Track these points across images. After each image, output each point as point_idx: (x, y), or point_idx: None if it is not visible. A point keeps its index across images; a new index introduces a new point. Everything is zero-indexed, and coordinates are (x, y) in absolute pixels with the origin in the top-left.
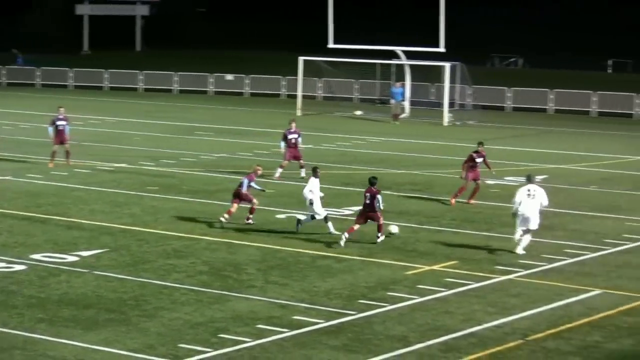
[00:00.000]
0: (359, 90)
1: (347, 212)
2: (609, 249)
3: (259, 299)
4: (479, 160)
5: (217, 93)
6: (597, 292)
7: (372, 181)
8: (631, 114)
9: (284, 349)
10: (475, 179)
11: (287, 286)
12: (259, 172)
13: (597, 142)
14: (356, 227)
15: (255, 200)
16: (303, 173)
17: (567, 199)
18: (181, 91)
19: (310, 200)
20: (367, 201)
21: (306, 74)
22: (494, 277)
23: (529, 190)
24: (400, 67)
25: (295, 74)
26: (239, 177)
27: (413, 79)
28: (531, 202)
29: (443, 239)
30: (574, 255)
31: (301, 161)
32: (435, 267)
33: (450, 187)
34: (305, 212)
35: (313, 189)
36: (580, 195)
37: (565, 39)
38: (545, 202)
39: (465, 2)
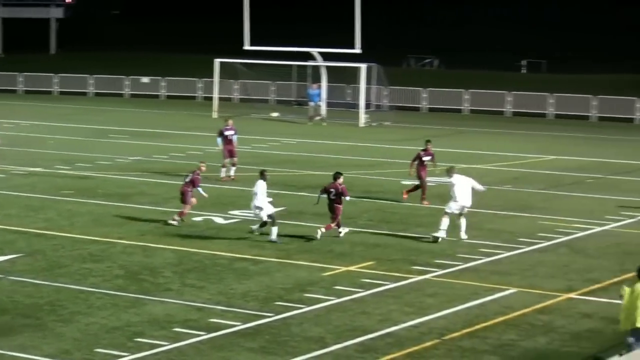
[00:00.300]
0: (275, 92)
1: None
2: (524, 247)
3: (176, 302)
4: (426, 158)
5: (132, 96)
6: (512, 290)
7: (336, 176)
8: (545, 113)
9: (201, 352)
10: (421, 178)
11: (204, 289)
12: (203, 169)
13: (511, 142)
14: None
15: (190, 206)
16: (232, 172)
17: (482, 198)
18: (97, 94)
19: (257, 206)
20: (332, 197)
21: (222, 76)
22: (411, 277)
23: (461, 180)
24: (316, 69)
25: (211, 76)
26: (154, 180)
27: (329, 80)
28: (466, 189)
29: (360, 240)
30: (489, 254)
31: (235, 159)
32: (351, 268)
33: (368, 187)
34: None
35: (259, 192)
36: (495, 195)
37: (480, 39)
38: (477, 184)
39: (381, 3)
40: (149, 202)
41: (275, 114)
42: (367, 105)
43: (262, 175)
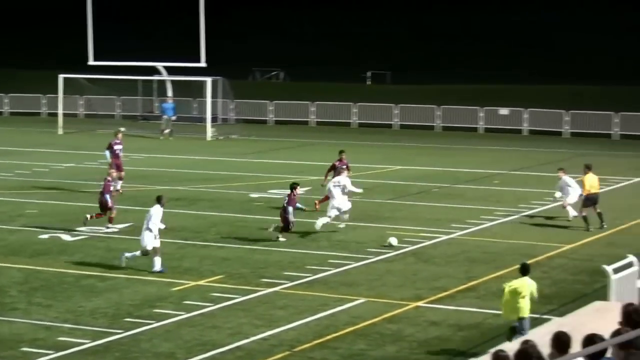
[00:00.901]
0: (120, 107)
1: (111, 229)
2: (372, 258)
3: (23, 322)
4: (342, 166)
5: None
6: (361, 300)
7: (292, 186)
8: (390, 124)
9: None
10: None
11: (52, 307)
12: (114, 175)
13: (358, 153)
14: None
15: (114, 210)
16: (119, 186)
17: None
18: None
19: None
20: (284, 204)
21: (67, 91)
22: (260, 290)
23: (338, 182)
24: (162, 83)
25: (56, 91)
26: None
27: (176, 95)
28: (342, 193)
29: (208, 254)
30: (338, 265)
31: (122, 172)
32: (201, 283)
33: (216, 201)
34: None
35: (154, 218)
36: None
37: (325, 51)
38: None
39: (226, 17)
40: None
41: (121, 129)
42: (214, 119)
43: (159, 200)
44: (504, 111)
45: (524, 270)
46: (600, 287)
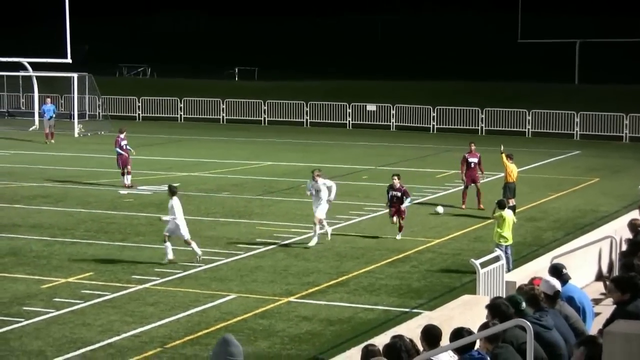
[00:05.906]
0: None
1: None
2: (242, 253)
3: None
4: (473, 159)
5: None
6: (232, 296)
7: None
8: (259, 120)
9: None
10: (474, 182)
11: None
12: None
13: (227, 149)
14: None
15: None
16: (129, 180)
17: (201, 206)
18: None
19: None
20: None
21: None
22: (130, 287)
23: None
24: (27, 79)
25: None
26: None
27: (42, 91)
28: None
29: (78, 251)
30: (209, 261)
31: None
32: (70, 280)
33: (84, 198)
34: None
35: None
36: (213, 202)
37: (190, 48)
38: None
39: (92, 13)
40: None
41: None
42: (81, 115)
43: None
44: (371, 107)
45: (502, 205)
46: (469, 281)
